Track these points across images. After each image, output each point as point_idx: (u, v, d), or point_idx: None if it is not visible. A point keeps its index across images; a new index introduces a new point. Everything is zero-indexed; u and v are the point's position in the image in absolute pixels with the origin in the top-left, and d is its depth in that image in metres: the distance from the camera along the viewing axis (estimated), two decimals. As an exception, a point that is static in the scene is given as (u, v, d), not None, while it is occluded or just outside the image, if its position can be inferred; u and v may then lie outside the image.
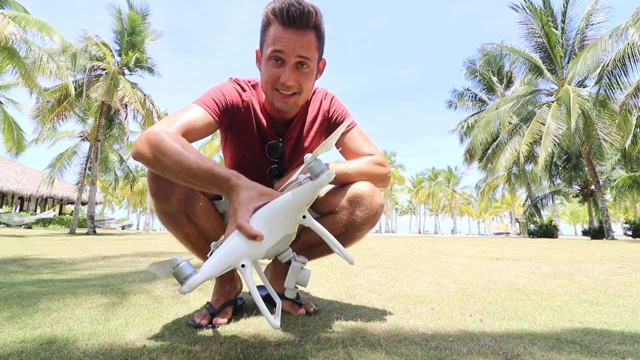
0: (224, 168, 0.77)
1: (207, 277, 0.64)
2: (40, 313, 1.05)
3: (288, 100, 0.94)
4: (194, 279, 0.63)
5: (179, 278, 0.64)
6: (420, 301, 1.34)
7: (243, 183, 0.74)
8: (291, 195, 0.70)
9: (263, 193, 0.74)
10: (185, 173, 0.76)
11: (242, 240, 0.66)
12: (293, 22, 0.85)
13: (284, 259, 0.74)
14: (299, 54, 0.88)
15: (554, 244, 6.33)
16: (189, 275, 0.64)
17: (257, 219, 0.69)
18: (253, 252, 0.67)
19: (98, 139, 11.83)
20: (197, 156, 0.77)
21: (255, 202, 0.71)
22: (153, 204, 0.94)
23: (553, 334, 0.93)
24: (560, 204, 39.82)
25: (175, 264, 0.65)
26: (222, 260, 0.65)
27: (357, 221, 0.99)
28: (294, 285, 0.74)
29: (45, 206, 22.69)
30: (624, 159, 13.60)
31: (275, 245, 0.70)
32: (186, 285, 0.63)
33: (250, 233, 0.66)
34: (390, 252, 4.05)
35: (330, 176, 0.70)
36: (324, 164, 0.72)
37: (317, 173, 0.70)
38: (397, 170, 44.90)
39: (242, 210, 0.69)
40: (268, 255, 0.70)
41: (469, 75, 19.96)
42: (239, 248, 0.66)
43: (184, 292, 0.63)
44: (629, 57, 9.10)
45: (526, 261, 3.02)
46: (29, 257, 2.87)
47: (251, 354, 0.74)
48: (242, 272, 0.66)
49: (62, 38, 9.14)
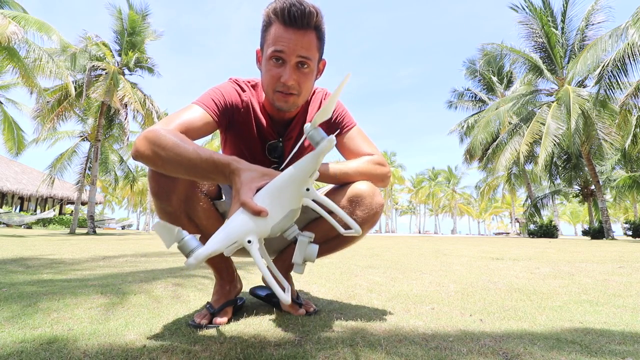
0: (223, 155, 0.77)
1: (213, 251, 0.63)
2: (40, 313, 1.05)
3: (288, 99, 0.94)
4: (200, 252, 0.62)
5: (184, 251, 0.63)
6: (420, 301, 1.34)
7: (244, 166, 0.74)
8: (293, 169, 0.70)
9: (265, 174, 0.74)
10: (185, 164, 0.76)
11: (247, 216, 0.66)
12: (294, 22, 0.86)
13: (290, 236, 0.73)
14: (299, 54, 0.88)
15: (554, 244, 6.34)
16: (194, 247, 0.63)
17: (260, 196, 0.68)
18: (259, 228, 0.66)
19: (98, 139, 11.84)
20: (195, 147, 0.77)
21: (258, 181, 0.71)
22: (154, 203, 0.94)
23: (553, 334, 0.93)
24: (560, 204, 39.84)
25: (180, 238, 0.64)
26: (228, 235, 0.64)
27: (357, 221, 1.00)
28: (302, 260, 0.73)
29: (45, 206, 22.69)
30: (624, 159, 13.59)
31: (281, 221, 0.69)
32: (193, 257, 0.62)
33: (254, 209, 0.65)
34: (390, 252, 4.05)
35: (332, 142, 0.69)
36: (324, 132, 0.70)
37: (317, 141, 0.69)
38: (397, 170, 44.90)
39: (245, 188, 0.69)
40: (274, 232, 0.69)
41: (469, 75, 19.96)
42: (244, 224, 0.65)
43: (191, 264, 0.61)
44: (629, 57, 9.09)
45: (526, 261, 3.02)
46: (29, 257, 2.87)
47: (251, 354, 0.74)
48: (249, 247, 0.65)
49: (60, 37, 9.13)
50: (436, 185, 50.54)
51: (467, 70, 19.94)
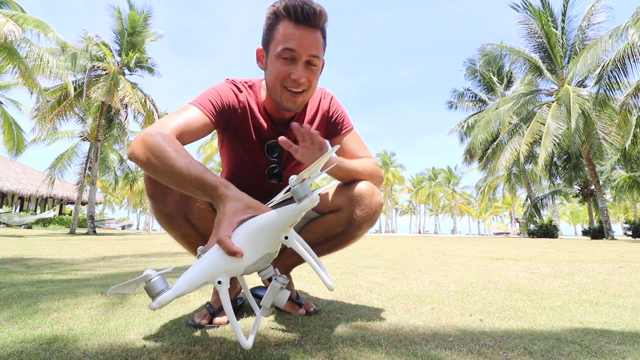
0: (214, 175, 0.76)
1: (180, 294, 0.62)
2: (40, 313, 1.05)
3: (297, 98, 0.95)
4: (165, 296, 0.61)
5: (150, 293, 0.62)
6: (420, 301, 1.34)
7: (231, 193, 0.72)
8: (275, 215, 0.69)
9: (250, 206, 0.72)
10: (175, 178, 0.76)
11: (222, 255, 0.64)
12: (306, 20, 0.87)
13: (265, 277, 0.72)
14: (310, 53, 0.90)
15: (554, 244, 6.34)
16: (161, 291, 0.62)
17: (239, 234, 0.67)
18: (231, 268, 0.65)
19: (98, 139, 11.84)
20: (188, 161, 0.76)
21: (241, 215, 0.70)
22: (150, 205, 0.95)
23: (553, 334, 0.93)
24: (560, 204, 39.81)
25: (147, 279, 0.62)
26: (198, 276, 0.63)
27: (357, 220, 1.00)
28: (271, 304, 0.72)
29: (45, 206, 22.69)
30: (624, 159, 13.59)
31: (255, 262, 0.68)
32: (156, 301, 0.61)
33: (230, 249, 0.63)
34: (390, 252, 4.05)
35: (314, 202, 0.68)
36: (309, 188, 0.70)
37: (300, 197, 0.68)
38: (397, 170, 44.91)
39: (225, 223, 0.67)
40: (247, 272, 0.68)
41: (469, 75, 19.97)
42: (217, 264, 0.64)
43: (154, 308, 0.61)
44: (629, 57, 9.09)
45: (526, 261, 3.02)
46: (29, 257, 2.87)
47: (251, 354, 0.74)
48: (218, 288, 0.64)
49: (56, 35, 9.06)
50: (436, 185, 50.55)
51: (467, 70, 19.95)
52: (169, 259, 2.98)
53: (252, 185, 1.04)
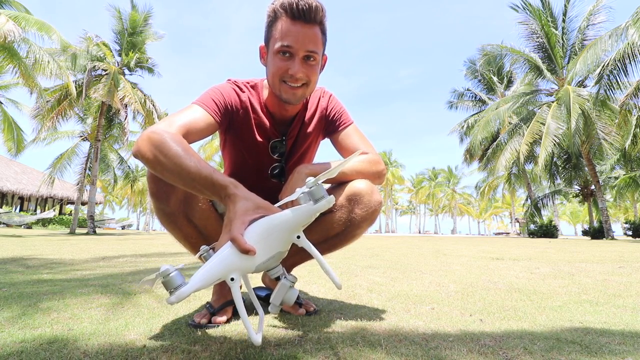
0: (223, 175, 0.77)
1: (196, 289, 0.63)
2: (40, 313, 1.05)
3: (296, 91, 0.95)
4: (183, 290, 0.63)
5: (168, 288, 0.63)
6: (420, 301, 1.34)
7: (241, 193, 0.73)
8: (289, 214, 0.69)
9: (260, 206, 0.72)
10: (184, 177, 0.76)
11: (234, 253, 0.65)
12: (302, 16, 0.87)
13: (274, 275, 0.73)
14: (307, 49, 0.90)
15: (554, 244, 6.34)
16: (178, 285, 0.63)
17: (251, 232, 0.68)
18: (244, 266, 0.66)
19: (98, 139, 11.84)
20: (197, 160, 0.76)
21: (252, 214, 0.70)
22: (152, 204, 0.94)
23: (553, 334, 0.93)
24: (560, 204, 39.80)
25: (166, 274, 0.64)
26: (212, 272, 0.65)
27: (356, 219, 1.00)
28: (280, 302, 0.73)
29: (45, 206, 22.69)
30: (624, 159, 13.60)
31: (267, 261, 0.69)
32: (175, 295, 0.62)
33: (243, 247, 0.64)
34: (390, 252, 4.05)
35: (330, 202, 0.69)
36: (325, 190, 0.70)
37: (317, 198, 0.69)
38: (397, 170, 44.94)
39: (237, 222, 0.68)
40: (258, 270, 0.69)
41: (469, 75, 19.97)
42: (230, 261, 0.65)
43: (172, 302, 0.62)
44: (629, 57, 9.10)
45: (526, 261, 3.02)
46: (29, 257, 2.87)
47: (251, 354, 0.74)
48: (230, 285, 0.65)
49: (60, 37, 9.13)
50: (436, 185, 50.55)
51: (467, 70, 19.96)
52: (169, 259, 2.98)
53: (254, 185, 1.04)
